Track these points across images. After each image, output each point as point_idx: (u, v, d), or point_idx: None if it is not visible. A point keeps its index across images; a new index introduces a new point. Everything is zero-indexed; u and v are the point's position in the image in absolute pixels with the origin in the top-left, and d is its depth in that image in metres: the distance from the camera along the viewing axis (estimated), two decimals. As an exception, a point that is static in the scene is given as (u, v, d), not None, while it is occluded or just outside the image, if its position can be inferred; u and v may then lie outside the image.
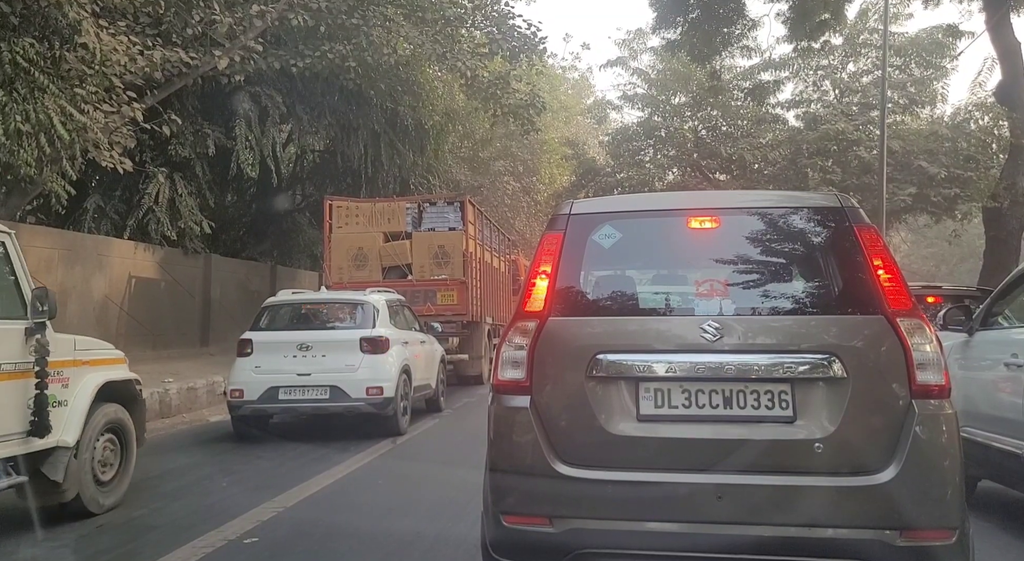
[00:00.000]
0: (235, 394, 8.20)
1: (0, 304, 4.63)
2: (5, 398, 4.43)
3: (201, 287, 15.81)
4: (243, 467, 6.94)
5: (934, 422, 2.69)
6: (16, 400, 4.49)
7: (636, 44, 27.76)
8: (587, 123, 36.05)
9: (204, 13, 12.11)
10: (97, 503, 5.08)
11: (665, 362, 2.86)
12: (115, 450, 5.35)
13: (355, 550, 4.37)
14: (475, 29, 17.14)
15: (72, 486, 4.84)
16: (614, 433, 2.80)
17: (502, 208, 28.28)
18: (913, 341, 2.72)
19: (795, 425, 2.74)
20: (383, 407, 8.19)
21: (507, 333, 3.00)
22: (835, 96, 23.87)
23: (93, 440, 5.07)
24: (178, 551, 4.31)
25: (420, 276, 13.12)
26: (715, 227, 3.11)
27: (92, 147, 9.70)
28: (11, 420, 4.45)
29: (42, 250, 11.32)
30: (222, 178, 15.91)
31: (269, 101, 14.95)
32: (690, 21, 16.77)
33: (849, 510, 2.63)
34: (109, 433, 5.29)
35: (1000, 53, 15.83)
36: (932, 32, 21.80)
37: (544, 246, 3.08)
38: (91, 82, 9.70)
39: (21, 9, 9.27)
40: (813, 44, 17.97)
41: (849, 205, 3.05)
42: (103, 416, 5.19)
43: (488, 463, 2.97)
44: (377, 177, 17.83)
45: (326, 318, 9.33)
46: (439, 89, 19.63)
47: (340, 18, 13.53)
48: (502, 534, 2.87)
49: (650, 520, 2.77)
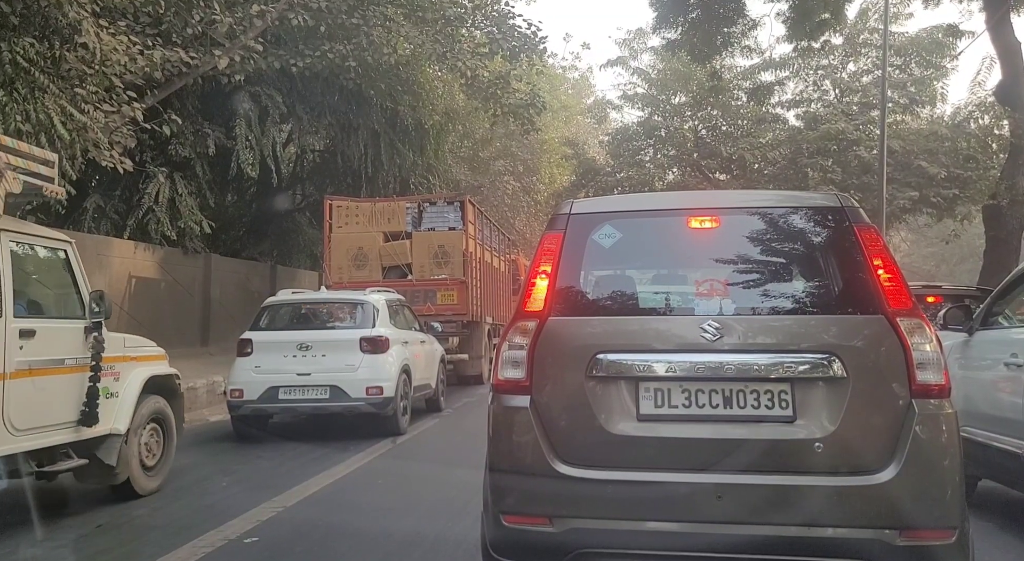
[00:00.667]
0: (235, 394, 8.21)
1: (63, 305, 5.21)
2: (71, 389, 4.96)
3: (201, 287, 15.80)
4: (243, 467, 6.94)
5: (934, 422, 2.69)
6: (78, 391, 5.01)
7: (636, 44, 27.78)
8: (587, 123, 36.06)
9: (204, 13, 12.10)
10: (144, 485, 5.61)
11: (665, 362, 2.86)
12: (158, 439, 5.89)
13: (355, 550, 4.37)
14: (475, 29, 17.14)
15: (123, 469, 5.37)
16: (614, 433, 2.80)
17: (502, 208, 28.28)
18: (913, 341, 2.72)
19: (795, 425, 2.73)
20: (383, 407, 8.19)
21: (507, 333, 3.00)
22: (835, 96, 23.87)
23: (140, 428, 5.60)
24: (178, 551, 4.31)
25: (420, 276, 13.12)
26: (715, 227, 3.11)
27: (92, 147, 9.70)
28: (75, 409, 4.97)
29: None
30: (222, 178, 15.90)
31: (269, 101, 14.95)
32: (690, 21, 16.75)
33: (849, 510, 2.63)
34: (153, 423, 5.82)
35: (1000, 53, 15.81)
36: (932, 32, 21.81)
37: (544, 246, 3.08)
38: (91, 82, 9.70)
39: (21, 9, 9.27)
40: (813, 44, 17.93)
41: (849, 205, 3.05)
42: (149, 407, 5.73)
43: (488, 463, 2.97)
44: (377, 177, 17.83)
45: (326, 318, 9.33)
46: (439, 89, 19.63)
47: (340, 18, 13.53)
48: (502, 534, 2.87)
49: (650, 520, 2.77)
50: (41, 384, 4.73)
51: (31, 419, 4.62)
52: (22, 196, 4.89)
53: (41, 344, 4.72)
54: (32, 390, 4.64)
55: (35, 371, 4.67)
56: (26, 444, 4.60)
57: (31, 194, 4.99)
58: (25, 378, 4.57)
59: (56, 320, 5.07)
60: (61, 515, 5.13)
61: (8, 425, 4.42)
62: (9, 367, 4.45)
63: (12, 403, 4.45)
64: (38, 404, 4.70)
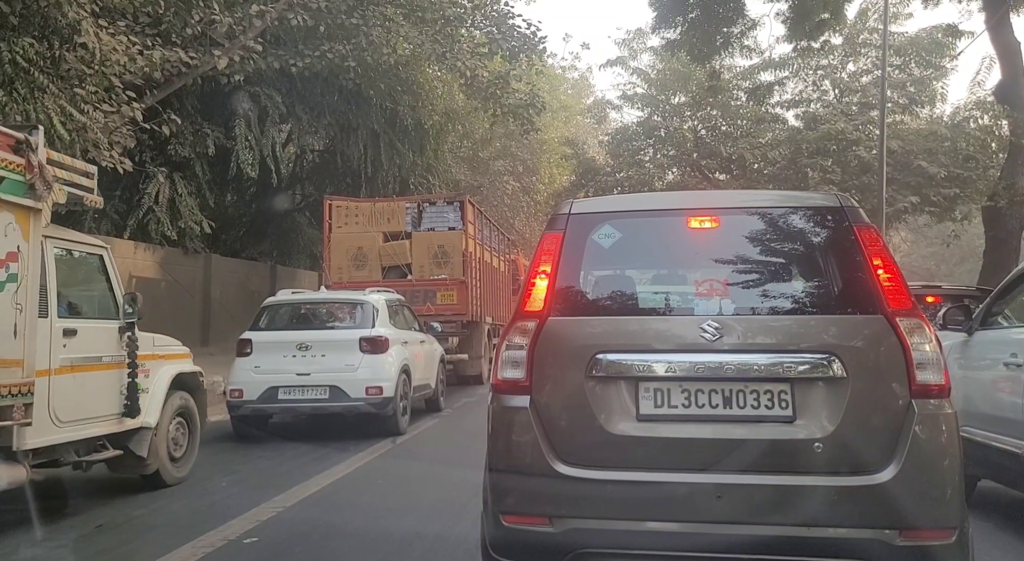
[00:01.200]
0: (235, 394, 8.21)
1: (100, 306, 5.64)
2: (107, 385, 5.38)
3: (201, 287, 15.81)
4: (243, 467, 6.94)
5: (934, 422, 2.69)
6: (114, 387, 5.43)
7: (636, 44, 27.78)
8: (587, 123, 36.04)
9: (204, 13, 12.11)
10: (171, 475, 6.01)
11: (665, 362, 2.86)
12: (184, 432, 6.27)
13: (355, 550, 4.37)
14: (475, 29, 17.15)
15: (154, 460, 5.77)
16: (614, 433, 2.80)
17: (502, 208, 28.27)
18: (913, 341, 2.72)
19: (795, 425, 2.73)
20: (383, 407, 8.18)
21: (507, 333, 3.00)
22: (835, 96, 23.87)
23: (168, 422, 5.99)
24: (178, 551, 4.31)
25: (420, 276, 13.12)
26: (715, 227, 3.11)
27: (92, 147, 9.69)
28: (111, 403, 5.39)
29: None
30: (222, 178, 15.91)
31: (269, 101, 14.95)
32: (690, 21, 16.75)
33: (848, 510, 2.63)
34: (179, 417, 6.20)
35: (1000, 53, 15.83)
36: (932, 32, 21.80)
37: (544, 246, 3.08)
38: (91, 82, 9.70)
39: (21, 9, 9.26)
40: (813, 44, 17.95)
41: (849, 205, 3.05)
42: (176, 402, 6.12)
43: (488, 463, 2.97)
44: (377, 177, 17.83)
45: (326, 318, 9.32)
46: (439, 89, 19.62)
47: (340, 18, 13.53)
48: (502, 534, 2.87)
49: (650, 520, 2.77)
50: (81, 380, 5.12)
51: (72, 412, 5.00)
52: (65, 205, 5.20)
53: (81, 342, 5.12)
54: (73, 385, 5.03)
55: (76, 368, 5.07)
56: (68, 435, 5.00)
57: (73, 204, 5.31)
58: (67, 374, 4.97)
59: (94, 320, 5.47)
60: (61, 515, 5.13)
61: (53, 417, 4.82)
62: (54, 364, 4.84)
63: (56, 397, 4.84)
64: (79, 398, 5.08)
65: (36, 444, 4.67)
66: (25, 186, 4.52)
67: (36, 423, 4.58)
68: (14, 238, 4.45)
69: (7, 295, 4.36)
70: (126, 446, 5.57)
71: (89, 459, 5.28)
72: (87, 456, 5.27)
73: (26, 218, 4.56)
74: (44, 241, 4.81)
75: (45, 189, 4.63)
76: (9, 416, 4.37)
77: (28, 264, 4.55)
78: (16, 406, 4.39)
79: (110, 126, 10.06)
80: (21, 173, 4.49)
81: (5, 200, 4.38)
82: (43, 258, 4.78)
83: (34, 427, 4.57)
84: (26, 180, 4.52)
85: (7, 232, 4.39)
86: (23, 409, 4.44)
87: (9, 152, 4.45)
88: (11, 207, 4.43)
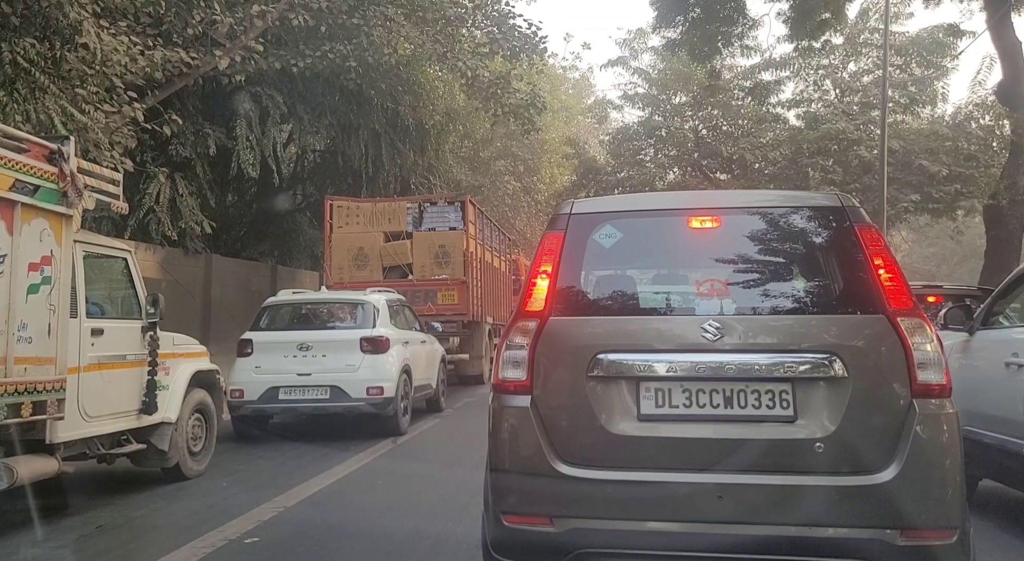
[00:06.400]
0: (235, 394, 8.21)
1: (124, 307, 5.94)
2: (131, 382, 5.68)
3: (202, 287, 15.79)
4: (243, 467, 6.94)
5: (935, 421, 2.69)
6: (137, 384, 5.73)
7: (637, 43, 27.71)
8: (588, 123, 36.00)
9: (205, 13, 12.10)
10: (191, 468, 6.30)
11: (666, 362, 2.85)
12: (202, 427, 6.57)
13: (355, 550, 4.37)
14: (475, 29, 17.11)
15: (174, 454, 6.06)
16: (615, 433, 2.80)
17: (503, 208, 28.24)
18: (914, 340, 2.72)
19: (796, 425, 2.73)
20: (383, 407, 8.18)
21: (508, 333, 3.00)
22: (836, 95, 23.86)
23: (187, 418, 6.28)
24: (178, 551, 4.32)
25: (421, 276, 13.12)
26: (716, 227, 3.11)
27: (93, 147, 9.68)
28: (133, 399, 5.68)
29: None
30: (223, 178, 15.89)
31: (270, 101, 14.93)
32: (691, 20, 16.75)
33: (850, 510, 2.63)
34: (197, 413, 6.49)
35: (1001, 52, 15.81)
36: (933, 31, 21.78)
37: (545, 246, 3.08)
38: (92, 82, 9.69)
39: (22, 9, 9.26)
40: (814, 43, 17.94)
41: (850, 204, 3.05)
42: (194, 399, 6.42)
43: (489, 463, 2.97)
44: (378, 177, 17.82)
45: (326, 318, 9.33)
46: (440, 89, 19.60)
47: (341, 18, 13.52)
48: (503, 534, 2.87)
49: (651, 520, 2.77)
50: (108, 377, 5.41)
51: (99, 407, 5.30)
52: (93, 211, 5.41)
53: (108, 341, 5.42)
54: (100, 382, 5.32)
55: (103, 365, 5.37)
56: (95, 429, 5.30)
57: (100, 210, 5.56)
58: (95, 371, 5.27)
59: (119, 320, 5.76)
60: (61, 515, 5.13)
61: (82, 412, 5.10)
62: (83, 362, 5.13)
63: (84, 393, 5.12)
64: (105, 394, 5.38)
65: (67, 437, 4.95)
66: (58, 194, 4.75)
67: (67, 418, 4.84)
68: (48, 243, 4.71)
69: (42, 297, 4.61)
70: (148, 440, 5.86)
71: (113, 452, 5.57)
72: (112, 450, 5.55)
73: (59, 224, 4.81)
74: (74, 245, 5.05)
75: (76, 196, 4.86)
76: (44, 411, 4.60)
77: (60, 267, 4.79)
78: (50, 401, 4.63)
79: (111, 126, 10.06)
80: (55, 182, 4.71)
81: (40, 207, 4.61)
82: (73, 261, 5.02)
83: (65, 421, 4.83)
84: (59, 188, 4.74)
85: (42, 237, 4.65)
86: (56, 404, 4.69)
87: (43, 162, 4.68)
88: (46, 214, 4.68)
